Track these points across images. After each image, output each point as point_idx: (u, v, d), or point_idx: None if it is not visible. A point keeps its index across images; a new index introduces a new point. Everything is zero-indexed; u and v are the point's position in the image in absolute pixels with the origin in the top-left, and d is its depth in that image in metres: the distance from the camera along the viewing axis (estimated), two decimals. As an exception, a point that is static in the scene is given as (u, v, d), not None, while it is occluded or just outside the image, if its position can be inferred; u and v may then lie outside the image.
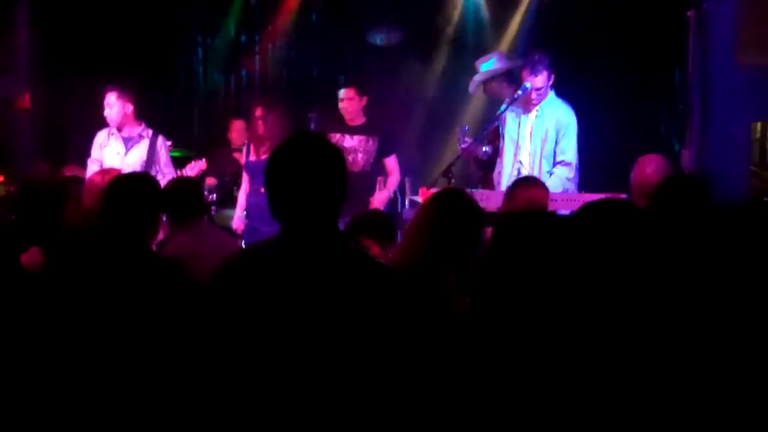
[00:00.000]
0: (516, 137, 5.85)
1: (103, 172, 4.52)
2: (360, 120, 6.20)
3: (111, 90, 6.05)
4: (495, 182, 6.01)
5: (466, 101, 6.89)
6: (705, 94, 5.84)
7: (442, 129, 7.08)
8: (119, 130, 6.11)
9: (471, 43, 7.32)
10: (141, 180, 3.50)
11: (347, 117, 6.17)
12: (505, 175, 5.86)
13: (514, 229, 2.57)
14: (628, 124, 5.97)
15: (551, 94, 5.76)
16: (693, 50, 5.89)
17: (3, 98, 7.13)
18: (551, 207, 5.25)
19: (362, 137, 6.17)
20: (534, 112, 5.79)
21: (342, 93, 6.16)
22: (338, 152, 2.24)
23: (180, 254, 3.62)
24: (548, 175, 5.66)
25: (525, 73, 5.70)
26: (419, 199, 6.33)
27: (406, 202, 6.71)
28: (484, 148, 6.07)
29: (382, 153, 6.21)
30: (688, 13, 5.88)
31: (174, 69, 7.92)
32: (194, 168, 6.23)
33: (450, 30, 7.49)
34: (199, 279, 3.14)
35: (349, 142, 6.15)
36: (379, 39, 7.73)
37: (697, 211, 2.95)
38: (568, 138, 5.67)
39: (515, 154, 5.86)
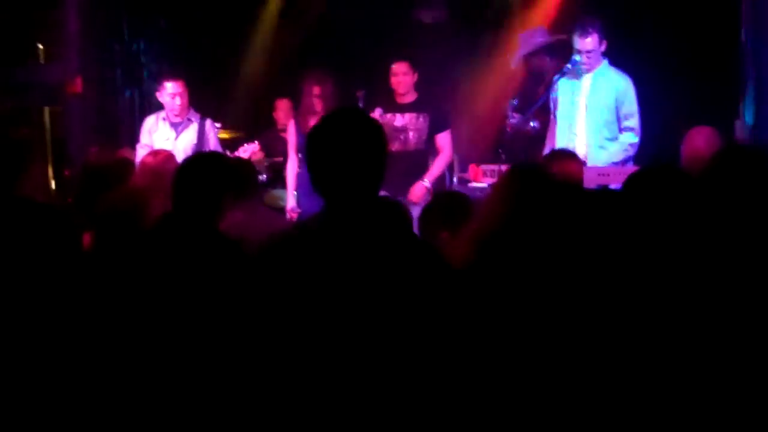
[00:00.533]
0: (569, 107, 5.79)
1: (154, 153, 4.58)
2: (411, 97, 6.16)
3: (175, 80, 6.15)
4: None
5: (511, 77, 6.81)
6: (759, 64, 5.72)
7: (488, 105, 7.01)
8: (177, 116, 6.22)
9: (518, 19, 7.23)
10: (212, 160, 3.52)
11: (400, 92, 6.12)
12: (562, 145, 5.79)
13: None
14: (680, 96, 5.87)
15: (604, 62, 5.67)
16: (745, 21, 5.77)
17: (55, 84, 7.25)
18: (604, 181, 5.22)
19: (413, 114, 6.13)
20: (588, 80, 5.71)
21: (395, 67, 6.12)
22: (378, 127, 2.27)
23: (232, 232, 3.66)
24: (609, 143, 5.61)
25: (575, 36, 5.62)
26: (468, 176, 6.33)
27: (455, 179, 6.70)
28: (531, 123, 6.00)
29: (434, 130, 6.16)
30: (742, -15, 5.77)
31: (218, 50, 7.95)
32: (246, 150, 6.30)
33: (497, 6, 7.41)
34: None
35: (400, 120, 6.12)
36: (425, 16, 7.70)
37: (755, 182, 2.88)
38: (629, 103, 5.61)
39: (569, 126, 5.79)
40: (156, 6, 7.42)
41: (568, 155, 4.56)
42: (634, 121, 5.61)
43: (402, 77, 6.08)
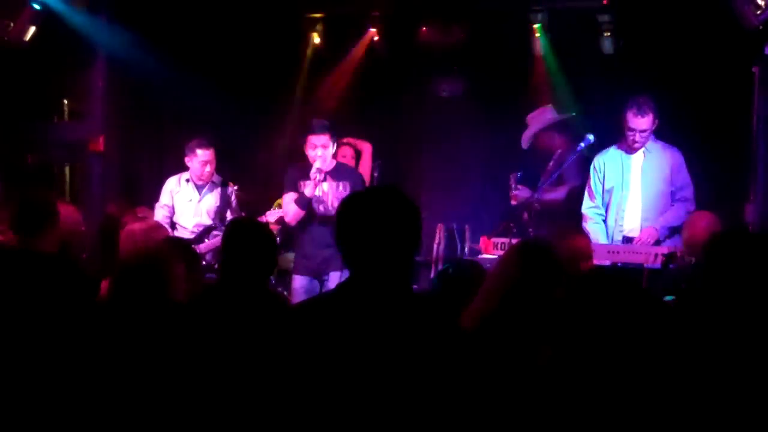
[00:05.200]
0: (619, 186, 5.85)
1: (143, 222, 4.66)
2: (329, 166, 5.99)
3: (206, 148, 6.34)
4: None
5: (524, 150, 6.91)
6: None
7: (504, 176, 7.10)
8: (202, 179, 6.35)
9: (532, 95, 7.37)
10: (260, 228, 3.59)
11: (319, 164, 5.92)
12: (611, 223, 5.87)
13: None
14: (693, 179, 5.94)
15: (651, 137, 5.78)
16: (758, 105, 5.88)
17: (78, 140, 7.39)
18: (613, 258, 5.31)
19: (332, 183, 5.94)
20: (639, 158, 5.80)
21: (314, 139, 5.90)
22: (411, 205, 2.28)
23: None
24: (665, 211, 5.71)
25: (630, 115, 5.66)
26: (479, 247, 6.39)
27: (466, 249, 6.76)
28: (535, 196, 6.04)
29: None
30: (754, 69, 5.88)
31: (240, 117, 8.08)
32: (273, 215, 6.34)
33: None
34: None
35: (320, 189, 5.95)
36: (443, 90, 7.86)
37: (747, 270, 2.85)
38: (682, 175, 5.72)
39: (618, 204, 5.85)
40: (181, 68, 7.59)
41: (576, 231, 4.60)
42: (688, 192, 5.71)
43: (322, 150, 5.86)
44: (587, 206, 6.01)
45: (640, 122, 5.65)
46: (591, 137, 5.85)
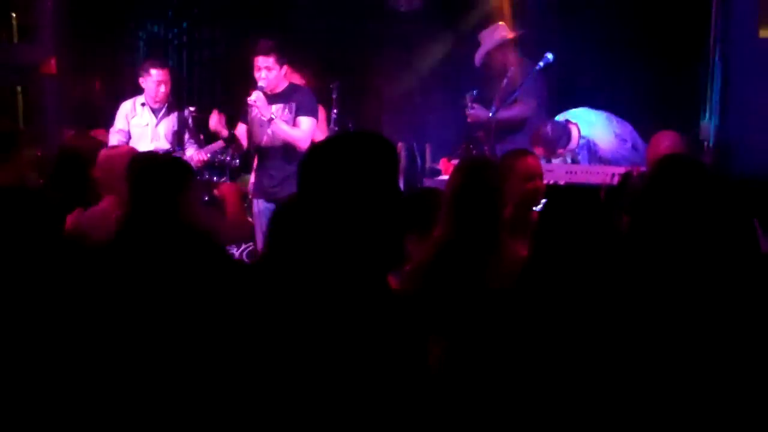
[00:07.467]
0: None
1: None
2: (280, 87, 5.82)
3: (161, 67, 6.20)
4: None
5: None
6: (726, 68, 5.84)
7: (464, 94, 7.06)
8: (158, 102, 6.25)
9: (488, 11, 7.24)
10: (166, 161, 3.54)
11: (264, 86, 5.72)
12: None
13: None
14: (647, 97, 5.97)
15: None
16: (715, 23, 5.87)
17: (29, 64, 7.21)
18: (570, 179, 5.37)
19: (280, 106, 5.77)
20: None
21: (259, 60, 5.70)
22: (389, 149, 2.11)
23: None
24: None
25: None
26: (439, 167, 6.41)
27: (426, 169, 6.78)
28: (490, 115, 6.03)
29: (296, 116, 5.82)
30: (712, -13, 5.85)
31: (196, 34, 7.93)
32: (212, 149, 6.26)
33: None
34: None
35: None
36: (400, 4, 7.71)
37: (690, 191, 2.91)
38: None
39: None
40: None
41: (522, 151, 4.59)
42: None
43: (266, 72, 5.68)
44: None
45: None
46: (550, 56, 5.84)
